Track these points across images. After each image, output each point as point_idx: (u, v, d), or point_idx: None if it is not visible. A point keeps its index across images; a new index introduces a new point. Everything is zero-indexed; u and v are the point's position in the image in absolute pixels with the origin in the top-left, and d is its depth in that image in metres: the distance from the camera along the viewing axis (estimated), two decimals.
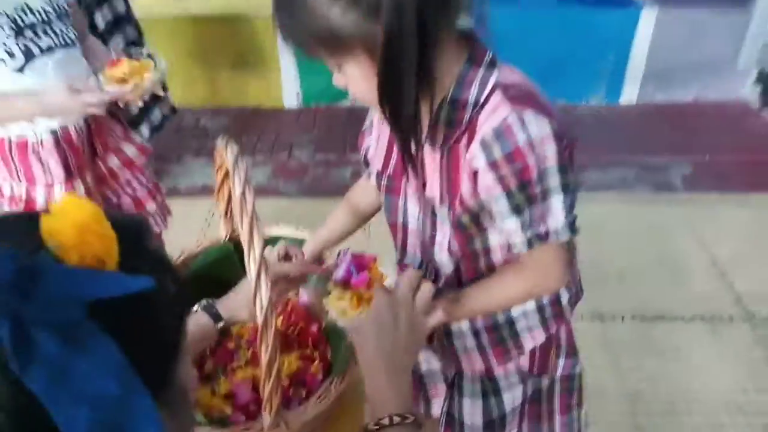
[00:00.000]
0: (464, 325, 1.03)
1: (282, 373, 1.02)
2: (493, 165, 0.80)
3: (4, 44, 1.30)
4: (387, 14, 0.69)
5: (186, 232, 2.12)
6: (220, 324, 0.99)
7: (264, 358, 0.82)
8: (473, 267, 0.97)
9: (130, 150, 1.54)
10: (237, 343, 1.22)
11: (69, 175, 1.41)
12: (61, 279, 0.36)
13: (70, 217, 0.39)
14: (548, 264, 0.90)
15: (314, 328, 1.20)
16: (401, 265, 0.98)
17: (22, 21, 1.32)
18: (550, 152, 0.79)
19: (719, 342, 1.99)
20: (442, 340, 1.08)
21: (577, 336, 1.12)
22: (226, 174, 1.20)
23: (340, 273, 0.96)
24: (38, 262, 0.36)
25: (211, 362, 1.17)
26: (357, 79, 0.78)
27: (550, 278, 0.92)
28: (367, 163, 1.05)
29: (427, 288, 0.86)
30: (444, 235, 0.95)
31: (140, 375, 0.37)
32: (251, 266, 0.81)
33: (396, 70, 0.74)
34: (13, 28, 1.30)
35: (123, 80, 1.25)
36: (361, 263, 0.97)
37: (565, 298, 1.02)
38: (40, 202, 1.42)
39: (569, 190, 0.83)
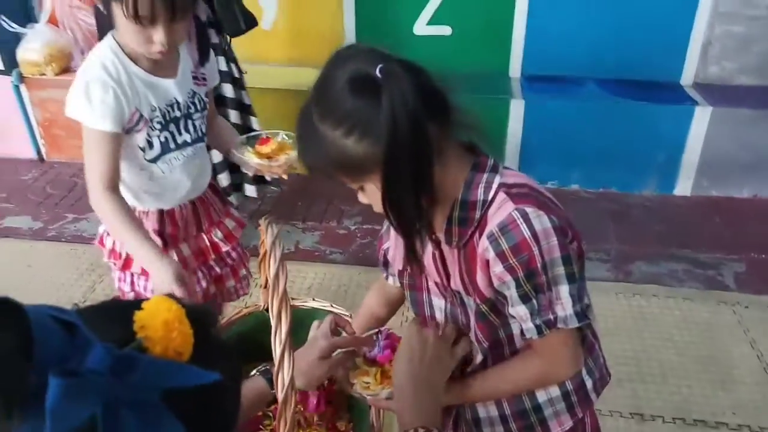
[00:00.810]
0: (492, 411, 1.07)
1: None
2: (501, 255, 0.88)
3: (148, 135, 1.38)
4: (385, 139, 0.79)
5: None
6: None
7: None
8: (499, 354, 1.02)
9: (230, 224, 1.63)
10: (264, 411, 1.25)
11: (165, 245, 1.48)
12: (148, 368, 0.43)
13: (160, 316, 0.46)
14: (558, 351, 0.95)
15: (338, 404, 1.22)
16: None
17: (169, 115, 1.41)
18: (553, 244, 0.87)
19: None
20: (470, 428, 1.11)
21: None
22: (266, 252, 1.27)
23: (374, 352, 1.01)
24: (132, 353, 0.43)
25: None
26: (376, 195, 0.87)
27: (559, 364, 0.97)
28: (386, 264, 1.14)
29: (450, 327, 1.01)
30: (473, 323, 1.01)
31: None
32: (276, 345, 0.86)
33: (396, 185, 0.84)
34: (161, 122, 1.39)
35: (269, 156, 1.34)
36: (389, 342, 1.02)
37: (589, 383, 1.06)
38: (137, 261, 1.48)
39: (575, 279, 0.90)
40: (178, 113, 1.42)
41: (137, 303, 0.47)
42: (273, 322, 0.87)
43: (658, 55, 3.18)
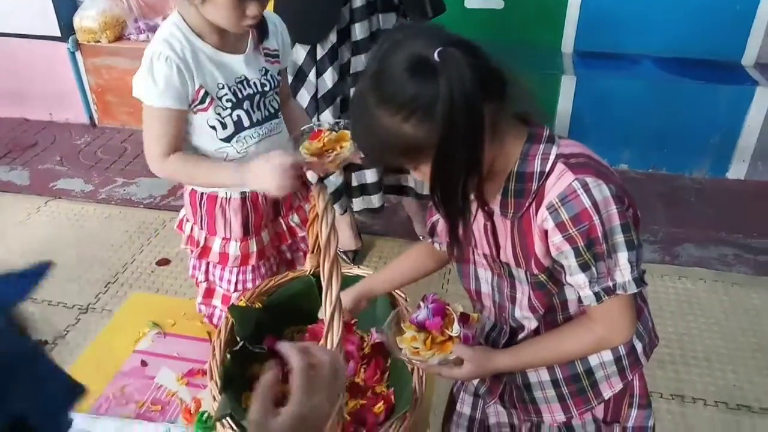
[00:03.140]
0: (544, 376, 1.09)
1: (344, 410, 1.07)
2: (561, 225, 0.89)
3: (219, 115, 1.34)
4: (441, 122, 0.79)
5: None
6: None
7: None
8: (551, 320, 1.04)
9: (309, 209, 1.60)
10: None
11: (246, 233, 1.48)
12: None
13: None
14: (615, 317, 0.96)
15: (379, 369, 1.24)
16: (463, 317, 1.03)
17: (241, 93, 1.36)
18: (613, 212, 0.88)
19: None
20: (520, 392, 1.13)
21: (655, 415, 1.14)
22: (317, 215, 1.28)
23: (421, 315, 1.02)
24: None
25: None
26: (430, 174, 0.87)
27: (616, 331, 0.98)
28: (432, 233, 1.16)
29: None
30: (524, 293, 1.03)
31: None
32: (327, 306, 0.88)
33: (447, 167, 0.84)
34: (231, 101, 1.35)
35: (323, 150, 1.28)
36: (438, 308, 1.03)
37: (639, 347, 1.07)
38: (215, 251, 1.49)
39: (634, 246, 0.91)
40: (250, 90, 1.38)
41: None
42: (324, 284, 0.89)
43: (718, 34, 3.06)
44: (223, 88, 1.34)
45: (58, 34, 3.49)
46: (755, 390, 2.02)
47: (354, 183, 2.36)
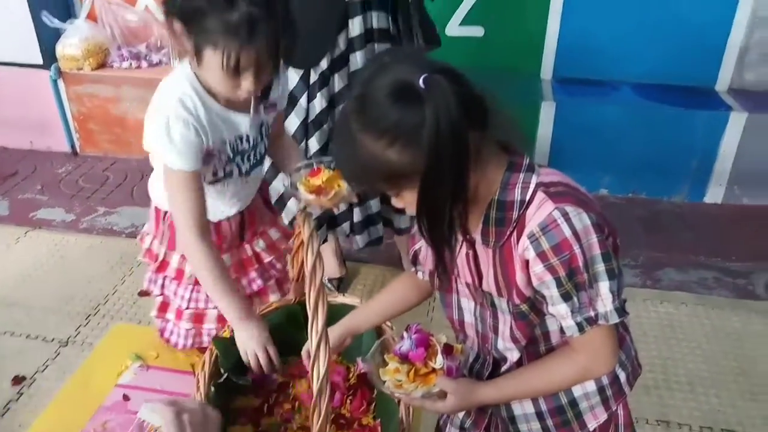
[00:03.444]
0: (528, 408, 1.08)
1: None
2: (542, 255, 0.88)
3: (214, 167, 1.33)
4: (426, 150, 0.80)
5: None
6: None
7: (315, 426, 0.87)
8: (534, 351, 1.03)
9: (275, 234, 1.57)
10: (293, 405, 1.26)
11: None
12: None
13: None
14: (598, 347, 0.96)
15: (366, 400, 1.23)
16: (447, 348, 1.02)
17: (238, 149, 1.35)
18: (593, 241, 0.88)
19: None
20: (506, 425, 1.12)
21: None
22: (301, 242, 1.28)
23: (404, 346, 1.01)
24: None
25: (267, 420, 1.22)
26: (412, 201, 0.88)
27: (599, 361, 0.97)
28: (415, 263, 1.15)
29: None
30: (505, 323, 1.02)
31: None
32: (313, 336, 0.87)
33: (433, 194, 0.85)
34: (228, 156, 1.34)
35: (320, 188, 1.27)
36: (422, 339, 1.02)
37: (622, 377, 1.07)
38: (172, 266, 1.48)
39: (615, 275, 0.91)
40: (246, 146, 1.37)
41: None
42: (310, 314, 0.88)
43: (693, 61, 3.14)
44: (225, 143, 1.33)
45: (40, 62, 3.48)
46: (738, 414, 2.03)
47: (357, 218, 2.33)
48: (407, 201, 0.90)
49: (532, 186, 0.91)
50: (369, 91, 0.83)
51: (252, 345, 1.21)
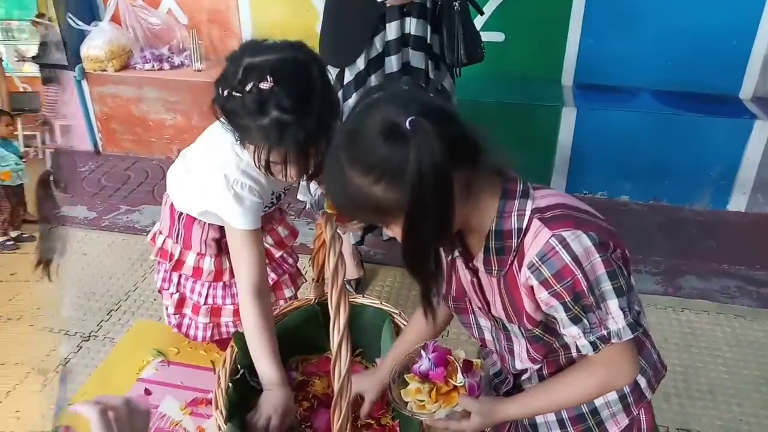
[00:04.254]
0: (550, 416, 1.09)
1: None
2: (544, 283, 0.88)
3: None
4: (409, 189, 0.81)
5: None
6: None
7: (336, 425, 0.87)
8: (554, 360, 1.04)
9: (283, 232, 1.63)
10: (312, 403, 1.27)
11: (221, 250, 1.50)
12: None
13: None
14: (616, 361, 0.96)
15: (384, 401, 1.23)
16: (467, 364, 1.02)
17: (270, 206, 1.48)
18: (596, 262, 0.87)
19: None
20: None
21: None
22: (323, 243, 1.29)
23: (423, 366, 1.00)
24: None
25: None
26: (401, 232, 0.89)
27: (618, 374, 0.97)
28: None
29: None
30: (521, 346, 1.03)
31: None
32: (335, 336, 0.88)
33: (417, 232, 0.86)
34: (272, 202, 1.47)
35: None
36: (440, 357, 1.01)
37: (643, 383, 1.07)
38: (188, 264, 1.51)
39: (623, 292, 0.90)
40: (274, 200, 1.48)
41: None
42: (332, 314, 0.89)
43: (716, 68, 3.10)
44: (272, 194, 1.43)
45: (65, 63, 3.54)
46: (761, 424, 2.00)
47: None
48: (396, 233, 0.91)
49: (527, 213, 0.91)
50: (358, 126, 0.85)
51: (269, 410, 1.19)
